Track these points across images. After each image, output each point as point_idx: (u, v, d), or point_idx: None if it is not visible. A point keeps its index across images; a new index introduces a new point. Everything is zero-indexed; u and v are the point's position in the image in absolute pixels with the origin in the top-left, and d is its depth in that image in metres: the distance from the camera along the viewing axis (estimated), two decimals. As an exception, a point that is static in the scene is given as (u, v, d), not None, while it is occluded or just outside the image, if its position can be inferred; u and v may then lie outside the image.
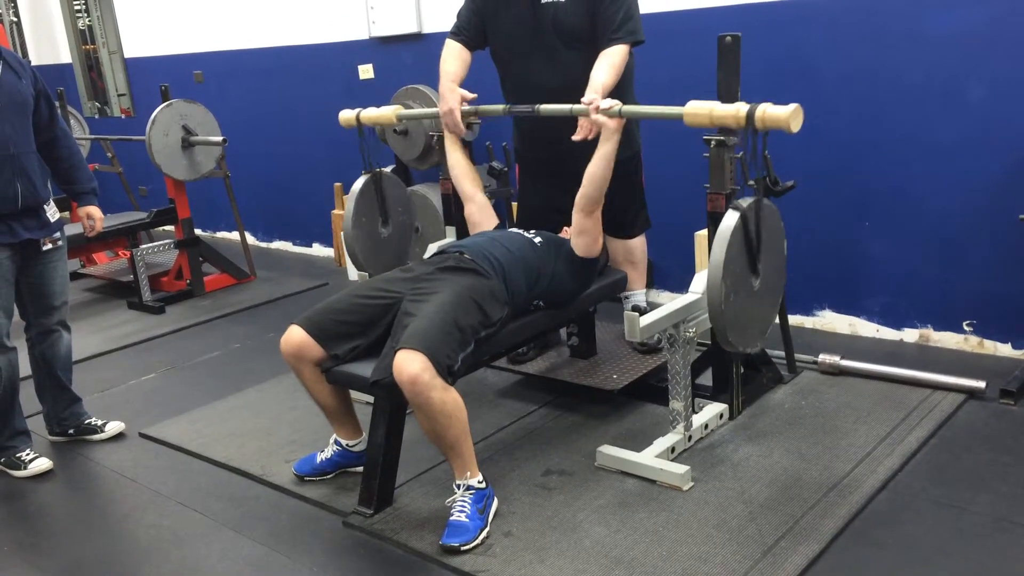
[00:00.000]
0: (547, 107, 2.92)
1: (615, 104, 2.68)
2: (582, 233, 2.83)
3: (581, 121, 2.84)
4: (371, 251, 3.39)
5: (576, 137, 2.82)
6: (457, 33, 3.17)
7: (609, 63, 2.89)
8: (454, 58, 3.13)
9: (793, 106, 2.36)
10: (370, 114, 3.39)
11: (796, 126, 2.38)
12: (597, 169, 2.73)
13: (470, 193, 3.15)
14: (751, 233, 2.46)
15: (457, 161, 3.18)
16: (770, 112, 2.39)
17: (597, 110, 2.68)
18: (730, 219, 2.42)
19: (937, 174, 3.37)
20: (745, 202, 2.46)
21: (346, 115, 3.44)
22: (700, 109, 2.51)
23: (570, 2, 2.96)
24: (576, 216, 2.82)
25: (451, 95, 3.05)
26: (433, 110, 3.32)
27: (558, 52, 3.02)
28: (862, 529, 2.36)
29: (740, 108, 2.44)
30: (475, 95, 3.09)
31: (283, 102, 5.73)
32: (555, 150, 3.09)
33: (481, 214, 3.12)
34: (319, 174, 5.56)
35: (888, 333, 3.64)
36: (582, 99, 2.74)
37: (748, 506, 2.48)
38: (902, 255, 3.52)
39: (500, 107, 3.07)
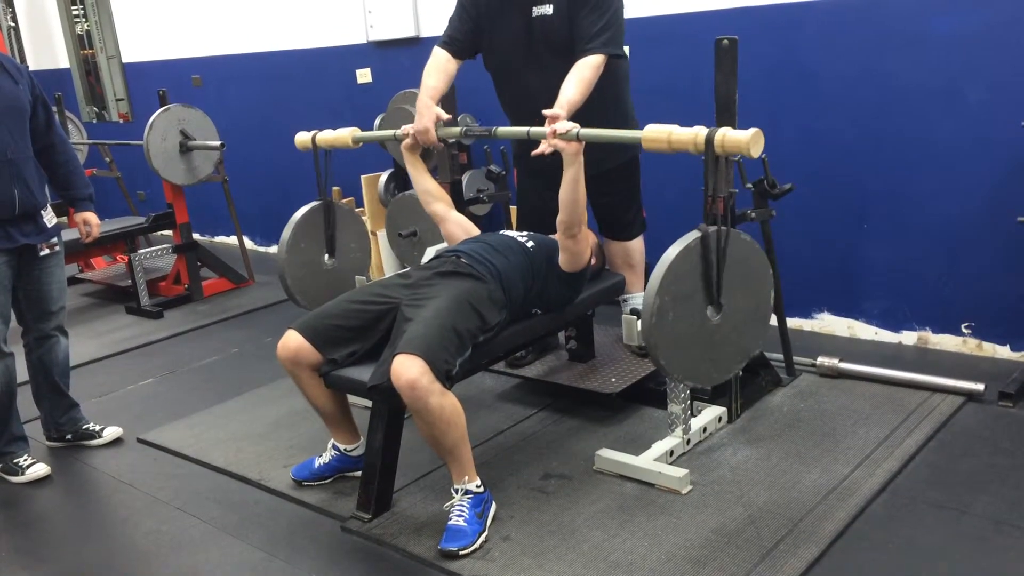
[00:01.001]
0: (504, 129, 2.90)
1: (572, 128, 2.59)
2: (566, 251, 2.78)
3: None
4: (306, 280, 3.28)
5: (534, 153, 2.72)
6: (448, 43, 3.15)
7: (579, 78, 2.84)
8: (438, 71, 3.11)
9: (753, 131, 2.29)
10: (326, 136, 3.32)
11: (756, 151, 2.30)
12: (567, 194, 2.65)
13: (443, 213, 3.11)
14: (711, 261, 2.36)
15: (424, 184, 3.13)
16: (730, 137, 2.31)
17: (555, 135, 2.61)
18: (688, 238, 2.32)
19: (936, 176, 3.37)
20: (713, 227, 2.35)
21: (301, 138, 3.36)
22: (658, 134, 2.42)
23: (556, 15, 2.97)
24: (559, 237, 2.78)
25: (427, 112, 3.01)
26: (389, 132, 3.26)
27: (550, 64, 3.01)
28: (861, 532, 2.36)
29: (699, 133, 2.35)
30: (449, 116, 3.07)
31: (281, 106, 5.73)
32: (551, 153, 3.08)
33: (461, 229, 3.07)
34: (317, 178, 5.56)
35: (887, 336, 3.63)
36: (545, 112, 2.66)
37: (747, 509, 2.47)
38: (901, 257, 3.52)
39: (457, 130, 3.05)
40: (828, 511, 2.43)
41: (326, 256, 3.35)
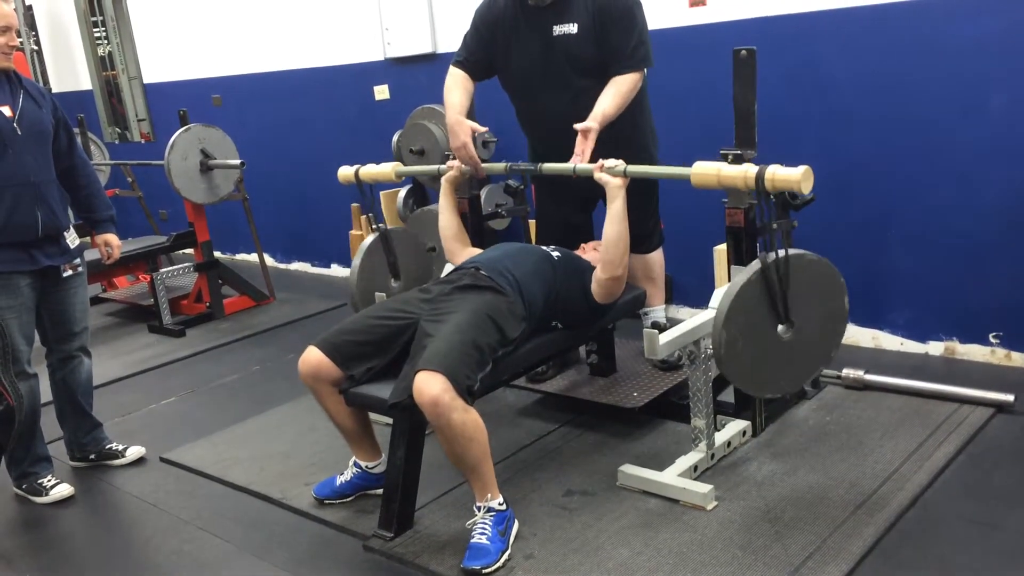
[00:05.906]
0: (549, 165, 2.95)
1: (619, 164, 2.70)
2: (603, 288, 2.80)
3: (578, 146, 2.86)
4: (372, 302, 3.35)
5: (573, 162, 2.85)
6: (462, 63, 3.16)
7: (616, 91, 2.90)
8: (459, 89, 3.12)
9: (803, 168, 2.33)
10: (369, 171, 3.37)
11: (807, 188, 2.34)
12: (612, 230, 2.70)
13: (458, 252, 3.13)
14: (775, 284, 2.39)
15: (448, 222, 3.16)
16: (780, 175, 2.35)
17: (602, 168, 2.71)
18: (749, 270, 2.38)
19: (960, 184, 3.32)
20: (773, 256, 2.38)
21: (344, 172, 3.42)
22: (707, 170, 2.50)
23: (581, 33, 2.96)
24: (598, 274, 2.79)
25: (461, 129, 3.03)
26: (432, 167, 3.32)
27: (572, 82, 3.02)
28: (891, 548, 2.31)
29: (748, 170, 2.41)
30: (485, 128, 3.09)
31: (300, 124, 5.77)
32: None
33: None
34: (336, 195, 5.56)
35: (913, 346, 3.58)
36: (576, 126, 2.79)
37: (773, 525, 2.44)
38: (926, 267, 3.48)
39: (502, 165, 3.10)
40: (856, 527, 2.39)
41: (392, 280, 3.41)
